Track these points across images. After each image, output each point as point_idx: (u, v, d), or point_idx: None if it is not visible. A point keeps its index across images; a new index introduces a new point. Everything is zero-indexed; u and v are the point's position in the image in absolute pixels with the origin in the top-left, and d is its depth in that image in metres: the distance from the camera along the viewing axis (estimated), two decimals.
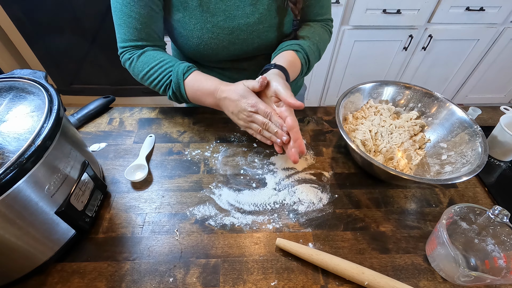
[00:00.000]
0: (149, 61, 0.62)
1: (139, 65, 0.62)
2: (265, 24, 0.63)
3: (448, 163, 0.58)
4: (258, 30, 0.64)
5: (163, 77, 0.61)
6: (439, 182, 0.50)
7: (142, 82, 0.66)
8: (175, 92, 0.61)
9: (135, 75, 0.65)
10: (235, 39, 0.64)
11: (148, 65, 0.62)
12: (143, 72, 0.62)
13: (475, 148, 0.55)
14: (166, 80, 0.61)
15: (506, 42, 1.61)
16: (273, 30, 0.65)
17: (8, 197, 0.35)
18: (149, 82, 0.63)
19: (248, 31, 0.63)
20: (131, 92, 2.02)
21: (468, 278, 0.42)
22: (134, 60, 0.63)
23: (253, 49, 0.67)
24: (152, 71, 0.61)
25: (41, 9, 1.58)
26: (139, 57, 0.63)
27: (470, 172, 0.50)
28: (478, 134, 0.57)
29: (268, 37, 0.66)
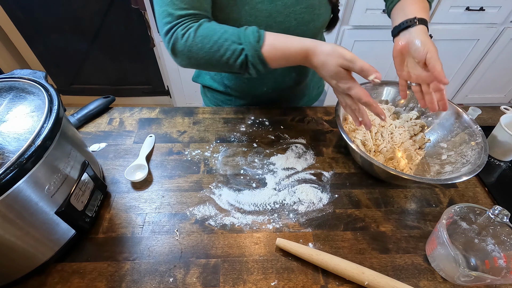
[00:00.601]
0: (209, 33, 0.51)
1: (199, 39, 0.51)
2: (301, 5, 0.59)
3: (448, 162, 0.58)
4: (295, 11, 0.59)
5: (233, 52, 0.51)
6: (439, 182, 0.50)
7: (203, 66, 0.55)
8: (255, 66, 0.52)
9: (194, 56, 0.53)
10: (272, 22, 0.59)
11: (210, 39, 0.51)
12: (205, 48, 0.52)
13: (475, 148, 0.55)
14: (239, 55, 0.51)
15: (506, 42, 1.61)
16: (309, 11, 0.60)
17: (8, 197, 0.35)
18: (216, 62, 0.53)
19: (285, 13, 0.59)
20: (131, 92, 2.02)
21: (468, 278, 0.42)
22: (191, 36, 0.51)
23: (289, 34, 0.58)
24: (216, 47, 0.51)
25: (41, 9, 1.58)
26: (196, 31, 0.51)
27: (471, 172, 0.50)
28: (478, 134, 0.57)
29: (305, 19, 0.61)
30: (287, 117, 0.74)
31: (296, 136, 0.69)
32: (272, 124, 0.72)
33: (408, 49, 0.53)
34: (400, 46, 0.53)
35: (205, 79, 0.80)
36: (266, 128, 0.71)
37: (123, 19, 1.63)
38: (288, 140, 0.68)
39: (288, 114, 0.74)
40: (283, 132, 0.70)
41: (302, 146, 0.66)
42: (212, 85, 0.79)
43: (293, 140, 0.68)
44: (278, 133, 0.69)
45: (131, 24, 1.64)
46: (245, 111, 0.75)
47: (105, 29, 1.67)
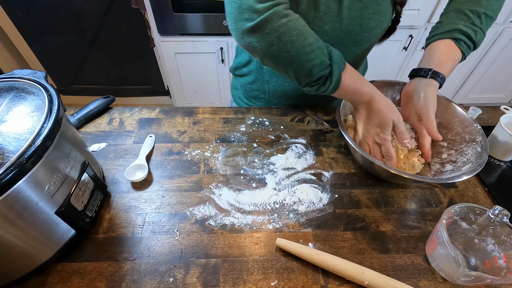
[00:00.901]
0: (305, 32, 0.49)
1: (295, 33, 0.47)
2: (369, 10, 0.57)
3: (449, 161, 0.58)
4: (362, 16, 0.57)
5: (321, 63, 0.50)
6: (440, 181, 0.50)
7: (280, 55, 0.49)
8: (330, 86, 0.52)
9: (278, 43, 0.48)
10: (338, 23, 0.57)
11: (305, 37, 0.48)
12: (297, 44, 0.48)
13: (475, 147, 0.55)
14: (324, 69, 0.50)
15: (506, 42, 1.61)
16: (375, 18, 0.58)
17: (8, 197, 0.35)
18: (298, 61, 0.50)
19: (352, 16, 0.57)
20: (131, 92, 2.02)
21: (468, 278, 0.42)
22: (290, 22, 0.47)
23: (350, 40, 0.60)
24: (309, 49, 0.49)
25: (41, 9, 1.58)
26: (296, 22, 0.48)
27: (472, 171, 0.50)
28: (478, 132, 0.57)
29: (370, 25, 0.59)
30: (287, 117, 0.74)
31: (296, 136, 0.69)
32: (272, 124, 0.72)
33: (412, 96, 0.57)
34: (407, 89, 0.57)
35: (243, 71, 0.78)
36: (266, 128, 0.71)
37: (123, 19, 1.63)
38: (288, 140, 0.68)
39: (288, 114, 0.74)
40: (283, 132, 0.70)
41: (302, 146, 0.66)
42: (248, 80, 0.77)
43: (293, 140, 0.68)
44: (278, 133, 0.69)
45: (131, 24, 1.64)
46: (245, 111, 0.75)
47: (105, 29, 1.67)
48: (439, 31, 0.58)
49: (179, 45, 1.54)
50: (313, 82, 0.52)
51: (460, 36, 0.55)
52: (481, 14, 0.55)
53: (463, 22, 0.55)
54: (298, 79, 0.53)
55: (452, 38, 0.56)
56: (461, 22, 0.56)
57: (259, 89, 0.78)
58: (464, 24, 0.55)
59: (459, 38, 0.56)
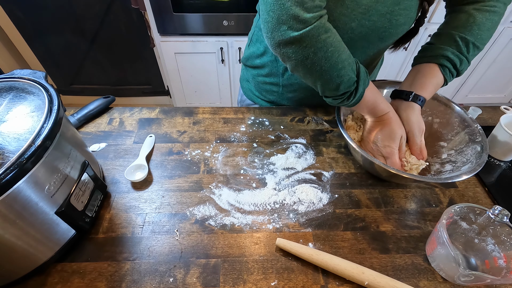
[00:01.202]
0: (340, 48, 0.49)
1: (330, 50, 0.48)
2: (401, 6, 0.55)
3: (449, 161, 0.58)
4: (392, 12, 0.54)
5: (349, 79, 0.51)
6: (439, 181, 0.50)
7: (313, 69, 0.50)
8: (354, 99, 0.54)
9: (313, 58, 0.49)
10: (366, 20, 0.54)
11: (339, 54, 0.49)
12: (331, 61, 0.49)
13: (475, 147, 0.55)
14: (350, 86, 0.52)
15: (506, 42, 1.61)
16: (405, 14, 0.56)
17: (8, 197, 0.35)
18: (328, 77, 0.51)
19: (382, 12, 0.54)
20: (131, 92, 2.02)
21: (468, 278, 0.42)
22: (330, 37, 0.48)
23: (375, 36, 0.59)
24: (340, 66, 0.50)
25: (41, 9, 1.58)
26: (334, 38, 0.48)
27: (471, 170, 0.50)
28: (478, 132, 0.57)
29: (399, 21, 0.57)
30: (287, 117, 0.74)
31: (296, 136, 0.69)
32: (272, 124, 0.72)
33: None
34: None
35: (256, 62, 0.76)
36: (266, 128, 0.71)
37: (123, 19, 1.63)
38: (288, 140, 0.68)
39: (288, 114, 0.74)
40: (283, 132, 0.70)
41: (302, 146, 0.66)
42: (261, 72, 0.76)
43: (293, 140, 0.68)
44: (278, 133, 0.69)
45: (131, 24, 1.64)
46: (245, 111, 0.75)
47: (105, 29, 1.67)
48: (427, 54, 0.59)
49: (179, 45, 1.54)
50: (338, 96, 0.54)
51: (446, 63, 0.57)
52: (470, 43, 0.56)
53: (451, 49, 0.57)
54: (324, 91, 0.55)
55: (438, 63, 0.58)
56: (449, 48, 0.57)
57: (272, 83, 0.76)
58: (452, 51, 0.57)
59: (445, 65, 0.57)
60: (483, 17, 0.55)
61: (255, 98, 0.82)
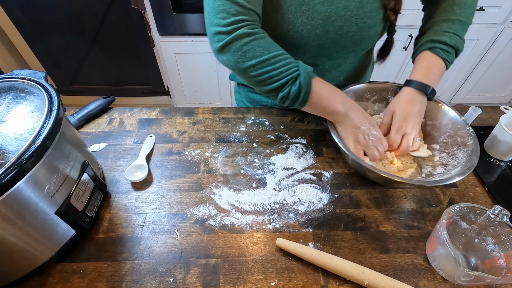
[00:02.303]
0: (271, 47, 0.52)
1: (258, 49, 0.51)
2: (365, 9, 0.56)
3: (440, 164, 0.57)
4: (358, 15, 0.56)
5: (288, 69, 0.52)
6: (428, 183, 0.50)
7: (246, 71, 0.54)
8: (300, 89, 0.53)
9: (243, 59, 0.52)
10: (330, 25, 0.57)
11: (270, 51, 0.52)
12: (261, 58, 0.52)
13: (466, 150, 0.55)
14: (292, 72, 0.52)
15: (506, 41, 1.61)
16: (373, 16, 0.58)
17: (8, 197, 0.35)
18: (262, 71, 0.52)
19: (346, 17, 0.56)
20: (131, 92, 2.02)
21: (468, 278, 0.42)
22: (254, 40, 0.51)
23: (347, 40, 0.60)
24: (274, 60, 0.52)
25: (41, 9, 1.58)
26: (258, 39, 0.52)
27: (460, 174, 0.50)
28: (470, 135, 0.56)
29: (367, 24, 0.58)
30: (287, 117, 0.74)
31: (296, 136, 0.69)
32: (272, 124, 0.72)
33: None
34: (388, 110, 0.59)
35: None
36: (266, 128, 0.71)
37: (123, 19, 1.63)
38: (288, 140, 0.68)
39: (288, 114, 0.74)
40: (283, 132, 0.70)
41: (302, 146, 0.66)
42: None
43: (293, 140, 0.68)
44: (278, 133, 0.69)
45: (131, 24, 1.64)
46: (245, 111, 0.75)
47: (105, 29, 1.67)
48: (417, 47, 0.62)
49: (179, 45, 1.54)
50: (281, 86, 0.54)
51: (433, 45, 0.59)
52: (455, 20, 0.59)
53: (433, 32, 0.60)
54: (266, 93, 0.56)
55: (426, 49, 0.59)
56: (431, 33, 0.60)
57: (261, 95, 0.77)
58: (434, 34, 0.59)
59: (433, 46, 0.59)
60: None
61: None
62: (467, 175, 0.50)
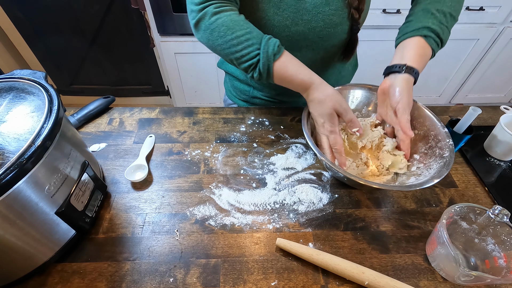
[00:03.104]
0: (235, 27, 0.54)
1: (222, 29, 0.54)
2: (331, 7, 0.59)
3: (415, 174, 0.55)
4: (324, 12, 0.59)
5: (248, 53, 0.54)
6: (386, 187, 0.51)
7: (217, 49, 0.57)
8: (261, 74, 0.55)
9: (212, 38, 0.55)
10: (299, 19, 0.59)
11: (233, 32, 0.53)
12: (225, 38, 0.54)
13: (439, 162, 0.53)
14: (252, 58, 0.54)
15: (506, 41, 1.61)
16: (338, 14, 0.60)
17: (8, 197, 0.35)
18: (228, 52, 0.55)
19: (313, 12, 0.59)
20: (131, 92, 2.02)
21: (468, 277, 0.42)
22: (219, 19, 0.54)
23: (314, 35, 0.62)
24: (236, 41, 0.54)
25: (41, 9, 1.58)
26: (223, 17, 0.54)
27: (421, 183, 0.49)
28: (448, 148, 0.53)
29: (333, 21, 0.60)
30: (287, 117, 0.74)
31: (296, 136, 0.69)
32: (272, 124, 0.72)
33: (388, 92, 0.57)
34: (383, 86, 0.58)
35: (228, 66, 0.80)
36: (266, 128, 0.71)
37: (123, 19, 1.63)
38: (288, 140, 0.68)
39: (288, 114, 0.74)
40: (283, 132, 0.70)
41: (302, 146, 0.66)
42: (234, 73, 0.79)
43: (293, 140, 0.68)
44: (278, 133, 0.69)
45: (131, 24, 1.64)
46: (245, 111, 0.75)
47: (105, 29, 1.67)
48: (408, 30, 0.59)
49: (179, 45, 1.54)
50: (246, 69, 0.57)
51: (429, 33, 0.57)
52: (447, 13, 0.58)
53: (431, 20, 0.58)
54: (236, 66, 0.58)
55: (421, 35, 0.58)
56: (429, 20, 0.58)
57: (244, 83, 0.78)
58: (432, 22, 0.58)
59: (428, 35, 0.57)
60: None
61: (233, 98, 0.85)
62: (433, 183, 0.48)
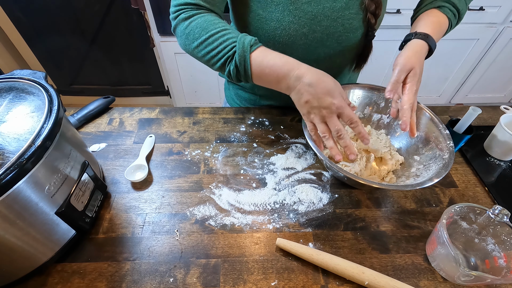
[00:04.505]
0: (208, 27, 0.52)
1: (197, 30, 0.53)
2: (351, 10, 0.57)
3: (414, 176, 0.55)
4: (343, 16, 0.57)
5: (224, 47, 0.51)
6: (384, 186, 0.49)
7: (194, 53, 0.56)
8: (238, 67, 0.52)
9: (188, 42, 0.55)
10: (317, 25, 0.57)
11: (207, 31, 0.52)
12: (200, 39, 0.53)
13: (439, 163, 0.52)
14: (228, 51, 0.51)
15: (505, 41, 1.61)
16: (359, 18, 0.58)
17: (8, 197, 0.35)
18: (204, 52, 0.53)
19: (333, 17, 0.56)
20: (131, 92, 2.02)
21: (468, 277, 0.42)
22: (192, 22, 0.53)
23: (333, 40, 0.60)
24: (211, 40, 0.52)
25: (41, 9, 1.58)
26: (197, 20, 0.53)
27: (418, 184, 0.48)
28: (448, 149, 0.53)
29: (353, 25, 0.59)
30: (287, 117, 0.74)
31: (296, 136, 0.69)
32: (272, 124, 0.72)
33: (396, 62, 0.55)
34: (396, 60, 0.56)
35: None
36: (266, 128, 0.71)
37: (123, 19, 1.63)
38: (288, 140, 0.68)
39: (288, 114, 0.74)
40: (283, 132, 0.70)
41: (302, 146, 0.66)
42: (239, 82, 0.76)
43: (293, 140, 0.68)
44: (278, 133, 0.69)
45: (131, 24, 1.64)
46: (245, 111, 0.75)
47: (105, 29, 1.67)
48: (422, 5, 0.59)
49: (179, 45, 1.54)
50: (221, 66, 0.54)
51: (443, 4, 0.57)
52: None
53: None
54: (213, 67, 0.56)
55: (435, 7, 0.57)
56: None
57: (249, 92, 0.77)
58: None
59: (443, 5, 0.57)
60: None
61: (236, 105, 0.83)
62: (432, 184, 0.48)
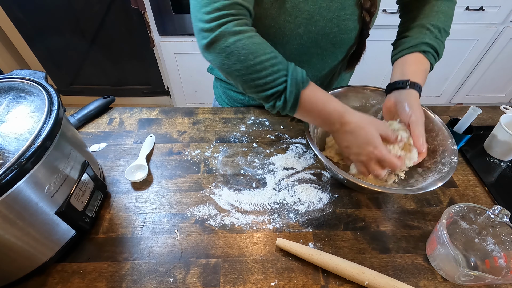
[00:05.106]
0: (257, 50, 0.46)
1: (243, 52, 0.46)
2: (347, 11, 0.56)
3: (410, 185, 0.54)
4: (339, 17, 0.56)
5: (274, 79, 0.47)
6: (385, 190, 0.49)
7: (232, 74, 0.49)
8: (287, 103, 0.48)
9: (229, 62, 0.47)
10: (313, 25, 0.56)
11: (255, 56, 0.46)
12: (246, 63, 0.46)
13: (436, 176, 0.51)
14: (278, 85, 0.47)
15: (505, 41, 1.61)
16: (354, 18, 0.58)
17: (8, 197, 0.35)
18: (249, 78, 0.47)
19: (328, 17, 0.56)
20: (131, 92, 2.02)
21: (468, 277, 0.42)
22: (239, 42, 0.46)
23: (327, 41, 0.60)
24: (259, 67, 0.46)
25: (41, 10, 1.58)
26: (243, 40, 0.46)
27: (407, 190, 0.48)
28: (450, 164, 0.51)
29: (348, 27, 0.58)
30: (287, 117, 0.74)
31: (296, 136, 0.69)
32: (272, 124, 0.72)
33: (396, 109, 0.55)
34: (388, 104, 0.57)
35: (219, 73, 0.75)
36: (266, 128, 0.71)
37: (123, 19, 1.63)
38: (288, 140, 0.68)
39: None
40: (283, 132, 0.70)
41: (302, 146, 0.66)
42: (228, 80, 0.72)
43: (293, 140, 0.68)
44: (278, 133, 0.69)
45: (131, 24, 1.64)
46: (245, 111, 0.75)
47: (105, 29, 1.67)
48: (406, 46, 0.59)
49: (179, 45, 1.54)
50: (268, 97, 0.49)
51: (427, 49, 0.57)
52: (441, 28, 0.59)
53: (428, 36, 0.58)
54: (252, 94, 0.51)
55: (420, 51, 0.57)
56: (426, 36, 0.58)
57: (238, 92, 0.77)
58: (429, 37, 0.58)
59: (427, 50, 0.57)
60: (445, 6, 0.60)
61: (225, 104, 0.83)
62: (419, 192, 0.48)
